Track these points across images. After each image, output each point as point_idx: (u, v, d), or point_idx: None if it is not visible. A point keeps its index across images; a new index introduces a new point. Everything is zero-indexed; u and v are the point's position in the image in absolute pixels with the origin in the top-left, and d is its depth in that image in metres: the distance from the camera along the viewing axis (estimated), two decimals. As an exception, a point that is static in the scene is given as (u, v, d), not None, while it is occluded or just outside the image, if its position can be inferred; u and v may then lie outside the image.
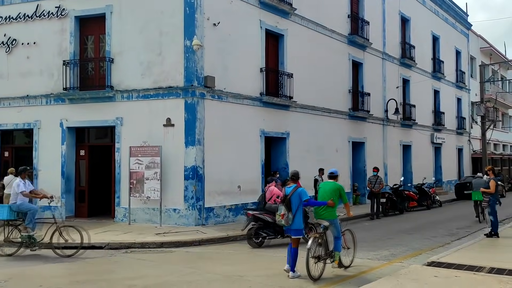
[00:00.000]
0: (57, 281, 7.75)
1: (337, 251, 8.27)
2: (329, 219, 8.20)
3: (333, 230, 8.33)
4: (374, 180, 17.34)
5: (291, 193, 7.98)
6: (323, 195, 8.38)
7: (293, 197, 7.98)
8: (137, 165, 14.08)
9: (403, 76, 26.20)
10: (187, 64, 13.89)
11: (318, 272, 7.73)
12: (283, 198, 8.04)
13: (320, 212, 8.27)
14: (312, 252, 7.65)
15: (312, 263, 7.60)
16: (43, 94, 15.65)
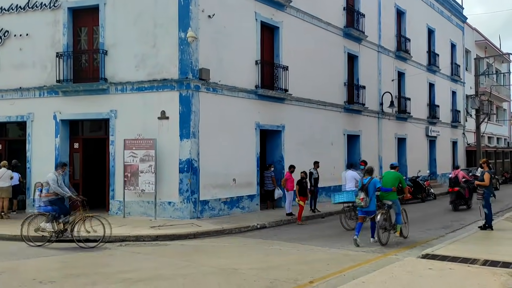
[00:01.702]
0: (51, 274, 7.70)
1: (399, 223, 10.79)
2: (392, 200, 10.78)
3: (395, 208, 10.77)
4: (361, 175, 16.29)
5: (368, 183, 10.36)
6: (386, 182, 10.83)
7: (370, 185, 10.36)
8: (131, 158, 14.01)
9: (398, 69, 26.18)
10: (181, 56, 13.78)
11: (385, 239, 10.28)
12: (362, 186, 10.35)
13: (385, 195, 10.75)
14: (380, 224, 10.18)
15: (380, 232, 10.20)
16: (36, 86, 15.50)
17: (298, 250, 9.88)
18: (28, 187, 15.65)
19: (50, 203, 10.27)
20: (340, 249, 9.94)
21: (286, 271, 7.84)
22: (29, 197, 15.59)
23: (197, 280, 7.29)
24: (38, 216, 10.34)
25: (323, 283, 6.98)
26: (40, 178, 15.18)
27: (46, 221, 10.19)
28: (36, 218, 10.30)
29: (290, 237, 11.57)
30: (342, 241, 10.93)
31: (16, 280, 7.27)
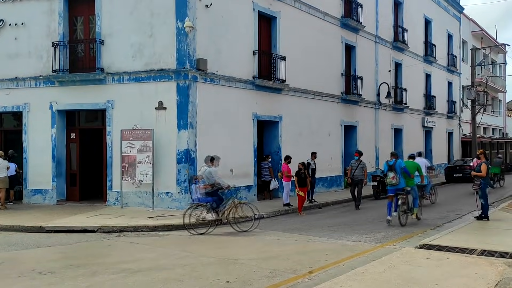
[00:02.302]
0: (51, 265, 7.70)
1: (415, 207, 12.21)
2: (411, 186, 12.13)
3: (412, 193, 12.16)
4: (356, 166, 15.19)
5: (394, 163, 11.97)
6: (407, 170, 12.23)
7: (396, 165, 11.89)
8: (129, 149, 13.97)
9: (395, 60, 26.16)
10: (179, 46, 13.69)
11: (404, 220, 11.70)
12: (390, 167, 11.93)
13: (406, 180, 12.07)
14: (400, 208, 11.60)
15: (400, 215, 11.58)
16: (32, 76, 15.37)
17: (297, 241, 9.92)
18: (25, 178, 15.59)
19: (208, 195, 11.09)
20: (338, 239, 10.00)
21: (285, 261, 7.88)
22: (26, 187, 15.56)
23: (196, 270, 7.31)
24: (197, 206, 11.05)
25: (322, 273, 7.02)
26: (37, 168, 15.24)
27: (207, 211, 10.96)
28: (195, 208, 10.99)
29: (288, 228, 11.61)
30: (340, 231, 10.99)
31: (15, 271, 7.26)
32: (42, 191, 15.31)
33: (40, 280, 6.76)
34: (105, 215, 12.80)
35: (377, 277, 6.65)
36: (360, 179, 15.12)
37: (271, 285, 6.46)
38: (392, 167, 11.93)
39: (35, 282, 6.62)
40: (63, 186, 15.55)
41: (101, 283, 6.55)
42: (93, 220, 12.00)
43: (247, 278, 6.82)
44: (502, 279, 6.51)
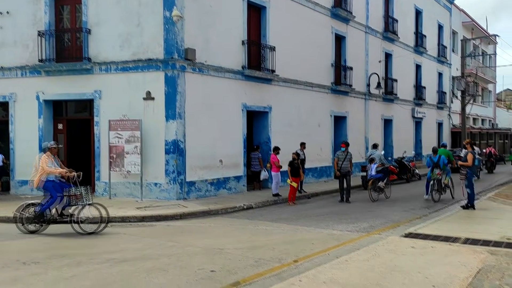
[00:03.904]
0: (35, 255, 7.66)
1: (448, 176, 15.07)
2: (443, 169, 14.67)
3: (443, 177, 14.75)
4: (343, 157, 14.78)
5: (438, 160, 14.59)
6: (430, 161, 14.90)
7: (440, 162, 14.54)
8: (116, 139, 13.88)
9: (386, 50, 26.16)
10: (167, 36, 13.57)
11: (437, 197, 14.53)
12: (434, 164, 14.57)
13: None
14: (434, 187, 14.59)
15: (433, 193, 14.54)
16: (18, 66, 15.18)
17: (284, 230, 9.96)
18: (12, 169, 15.46)
19: (378, 172, 15.24)
20: (325, 228, 10.05)
21: (271, 251, 7.90)
22: (13, 178, 15.42)
23: (182, 260, 7.31)
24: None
25: (307, 262, 7.05)
26: (24, 159, 15.09)
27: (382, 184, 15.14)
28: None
29: (276, 218, 11.65)
30: (327, 221, 11.05)
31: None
32: (30, 182, 15.14)
33: (24, 270, 6.73)
34: (93, 205, 12.70)
35: (360, 265, 6.70)
36: (348, 171, 14.84)
37: (255, 273, 6.48)
38: (437, 164, 14.48)
39: (19, 273, 6.59)
40: (51, 177, 15.40)
41: (85, 273, 6.53)
42: (81, 211, 11.91)
43: (232, 267, 6.83)
44: (483, 266, 6.59)
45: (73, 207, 9.64)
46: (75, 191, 9.54)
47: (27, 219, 9.55)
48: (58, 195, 9.54)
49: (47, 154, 9.79)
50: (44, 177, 9.60)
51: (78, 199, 9.52)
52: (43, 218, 9.54)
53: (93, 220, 9.72)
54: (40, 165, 9.56)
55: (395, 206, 13.68)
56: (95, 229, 9.58)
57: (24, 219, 9.55)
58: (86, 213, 9.61)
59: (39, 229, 9.60)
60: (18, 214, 9.56)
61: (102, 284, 6.01)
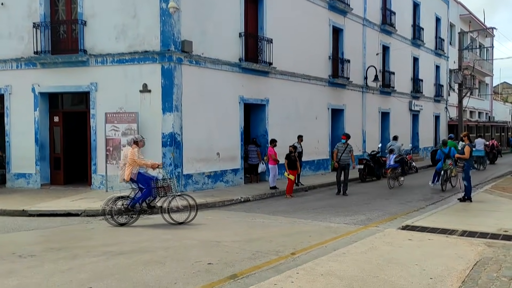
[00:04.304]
0: (31, 248, 7.63)
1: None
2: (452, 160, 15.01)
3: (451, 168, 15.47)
4: (343, 149, 14.67)
5: (449, 151, 15.12)
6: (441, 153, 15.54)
7: (451, 153, 14.76)
8: (113, 132, 13.81)
9: (383, 43, 26.08)
10: (163, 27, 13.46)
11: (445, 187, 15.31)
12: (446, 155, 15.24)
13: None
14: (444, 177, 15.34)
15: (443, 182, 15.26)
16: (13, 58, 15.03)
17: (281, 223, 9.95)
18: (8, 161, 15.38)
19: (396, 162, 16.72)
20: (323, 221, 10.04)
21: (269, 243, 7.89)
22: (9, 171, 15.35)
23: (178, 252, 7.29)
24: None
25: (305, 255, 7.04)
26: (20, 152, 15.02)
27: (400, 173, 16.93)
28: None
29: (274, 210, 11.64)
30: (324, 213, 11.05)
31: (-5, 255, 7.18)
32: (26, 174, 15.13)
33: (20, 263, 6.69)
34: (90, 198, 12.70)
35: (358, 258, 6.69)
36: (347, 163, 14.72)
37: (252, 266, 6.47)
38: (448, 155, 15.07)
39: (15, 265, 6.55)
40: (47, 170, 15.37)
41: (82, 266, 6.50)
42: (77, 204, 11.90)
43: (229, 259, 6.82)
44: (481, 258, 6.60)
45: (162, 198, 9.81)
46: (163, 183, 9.76)
47: (117, 211, 9.67)
48: (152, 187, 9.70)
49: (134, 147, 9.87)
50: (136, 170, 9.75)
51: (167, 190, 9.75)
52: (133, 210, 9.70)
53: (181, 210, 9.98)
54: (131, 157, 9.66)
55: (392, 198, 13.69)
56: (185, 219, 9.76)
57: (114, 212, 9.65)
58: (176, 203, 9.90)
59: (129, 221, 9.72)
60: (108, 207, 9.65)
61: (99, 277, 5.98)
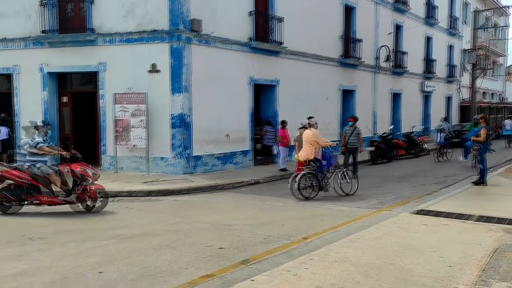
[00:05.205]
0: (41, 230, 7.58)
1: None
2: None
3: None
4: (350, 132, 14.04)
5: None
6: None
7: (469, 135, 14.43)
8: (122, 113, 13.67)
9: (396, 22, 25.49)
10: (172, 6, 13.16)
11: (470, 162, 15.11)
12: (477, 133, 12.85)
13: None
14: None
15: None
16: (21, 37, 14.83)
17: (292, 206, 9.82)
18: (17, 142, 15.32)
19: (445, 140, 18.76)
20: (335, 204, 9.89)
21: (280, 227, 7.77)
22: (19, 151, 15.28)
23: (189, 236, 7.20)
24: None
25: (318, 239, 6.91)
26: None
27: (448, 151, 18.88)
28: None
29: (284, 193, 11.48)
30: (337, 196, 10.88)
31: (4, 237, 7.13)
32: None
33: (30, 246, 6.64)
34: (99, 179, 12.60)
35: (372, 244, 6.54)
36: (355, 147, 13.98)
37: (265, 251, 6.35)
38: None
39: (25, 248, 6.50)
40: (56, 151, 15.29)
41: (91, 249, 6.43)
42: (87, 185, 11.82)
43: (241, 244, 6.70)
44: (500, 245, 6.41)
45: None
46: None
47: (304, 187, 10.46)
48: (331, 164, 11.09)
49: (313, 129, 10.93)
50: (319, 150, 10.81)
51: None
52: (319, 186, 10.66)
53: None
54: (313, 139, 10.66)
55: (404, 181, 13.50)
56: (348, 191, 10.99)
57: (300, 187, 10.41)
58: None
59: (314, 196, 10.55)
60: (296, 183, 10.38)
61: (109, 261, 5.90)
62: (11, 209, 8.83)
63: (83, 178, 8.88)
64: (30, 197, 8.80)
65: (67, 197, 8.92)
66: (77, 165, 8.96)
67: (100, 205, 9.15)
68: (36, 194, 8.80)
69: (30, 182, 8.79)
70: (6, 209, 8.82)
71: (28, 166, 8.87)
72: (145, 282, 5.20)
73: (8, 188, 8.81)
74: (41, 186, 8.89)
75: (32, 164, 8.89)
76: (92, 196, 9.02)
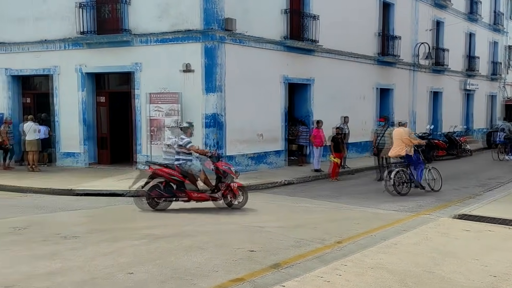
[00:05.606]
0: (76, 229, 7.68)
1: None
2: None
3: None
4: (382, 133, 13.62)
5: None
6: None
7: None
8: (156, 112, 13.78)
9: (437, 18, 24.64)
10: (206, 5, 13.15)
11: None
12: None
13: None
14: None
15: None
16: (61, 38, 15.22)
17: (326, 208, 9.58)
18: (57, 141, 15.76)
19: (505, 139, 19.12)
20: (371, 207, 9.58)
21: (313, 230, 7.56)
22: (59, 150, 15.75)
23: (220, 238, 7.10)
24: None
25: (352, 244, 6.66)
26: (68, 132, 15.34)
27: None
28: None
29: (318, 194, 11.26)
30: (371, 199, 10.56)
31: (41, 234, 7.26)
32: (74, 154, 15.48)
33: (64, 244, 6.71)
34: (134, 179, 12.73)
35: (410, 250, 6.24)
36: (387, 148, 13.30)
37: (297, 255, 6.17)
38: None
39: (58, 247, 6.57)
40: (94, 149, 15.66)
41: (123, 249, 6.43)
42: (122, 184, 11.96)
43: (273, 247, 6.54)
44: (549, 255, 5.98)
45: None
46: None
47: (398, 183, 10.88)
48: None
49: (404, 127, 11.43)
50: (410, 148, 11.12)
51: None
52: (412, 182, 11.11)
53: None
54: (407, 137, 10.99)
55: (444, 183, 12.88)
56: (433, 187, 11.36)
57: (395, 183, 10.82)
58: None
59: (406, 192, 10.94)
60: (391, 180, 10.75)
61: (140, 262, 5.87)
62: (159, 206, 9.10)
63: (225, 175, 9.21)
64: (181, 194, 9.06)
65: (213, 194, 9.16)
66: (222, 163, 9.45)
67: (241, 202, 9.38)
68: (187, 191, 9.10)
69: (180, 179, 9.09)
70: (155, 205, 9.09)
71: (179, 164, 9.15)
72: (174, 284, 5.13)
73: (158, 185, 9.09)
74: (187, 183, 9.19)
75: (184, 162, 9.17)
76: (235, 193, 9.26)
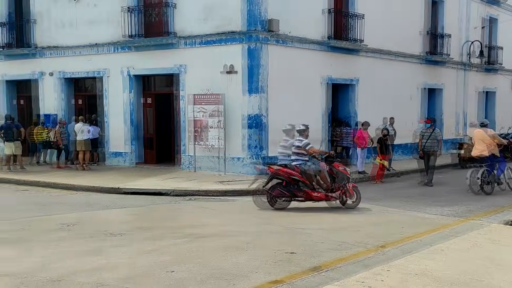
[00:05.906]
0: (122, 227, 7.91)
1: None
2: None
3: None
4: (428, 135, 12.99)
5: None
6: None
7: None
8: (201, 113, 13.98)
9: (490, 15, 23.53)
10: (249, 7, 13.20)
11: None
12: None
13: None
14: None
15: None
16: (110, 42, 15.78)
17: (370, 211, 9.37)
18: (106, 141, 16.34)
19: None
20: (416, 211, 9.27)
21: (356, 233, 7.41)
22: (108, 150, 16.33)
23: (260, 238, 7.10)
24: None
25: (396, 249, 6.47)
26: (116, 132, 15.86)
27: None
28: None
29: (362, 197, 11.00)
30: (418, 202, 10.22)
31: (88, 231, 7.53)
32: (122, 153, 15.99)
33: (110, 241, 6.93)
34: (178, 178, 13.04)
35: (458, 257, 5.98)
36: (433, 150, 12.92)
37: (338, 258, 6.05)
38: None
39: (104, 244, 6.79)
40: (140, 149, 16.11)
41: (165, 247, 6.55)
42: (167, 183, 12.27)
43: (313, 249, 6.46)
44: None
45: None
46: None
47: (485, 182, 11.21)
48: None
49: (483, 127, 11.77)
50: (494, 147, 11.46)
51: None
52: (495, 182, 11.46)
53: None
54: (492, 138, 11.43)
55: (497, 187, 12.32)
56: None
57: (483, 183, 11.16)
58: None
59: (491, 192, 11.22)
60: (479, 180, 11.10)
61: (181, 261, 5.96)
62: (277, 204, 9.35)
63: (338, 175, 9.42)
64: (300, 193, 9.30)
65: (332, 193, 9.38)
66: (338, 164, 9.68)
67: (355, 201, 9.54)
68: (307, 190, 9.33)
69: (300, 179, 9.31)
70: (274, 203, 9.36)
71: (298, 165, 9.42)
72: (213, 284, 5.17)
73: (279, 185, 9.38)
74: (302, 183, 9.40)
75: (303, 162, 9.43)
76: (351, 193, 9.46)
